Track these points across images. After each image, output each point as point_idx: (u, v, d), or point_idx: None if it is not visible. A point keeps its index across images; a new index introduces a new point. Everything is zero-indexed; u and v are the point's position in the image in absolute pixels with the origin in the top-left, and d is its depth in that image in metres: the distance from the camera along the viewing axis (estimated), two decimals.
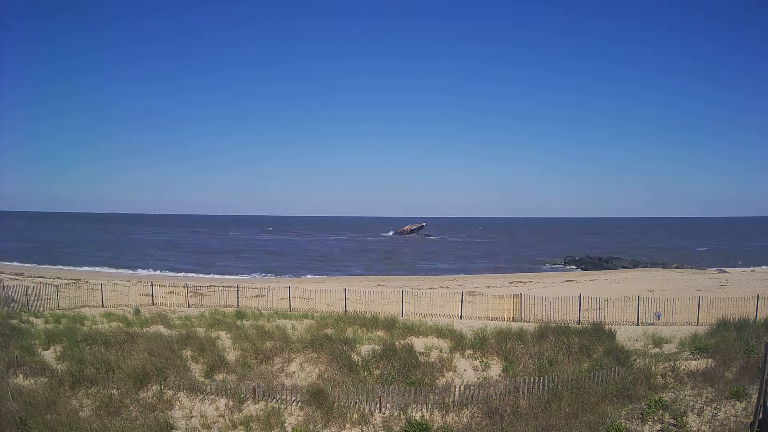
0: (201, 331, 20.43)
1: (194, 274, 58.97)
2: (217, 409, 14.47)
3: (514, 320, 24.91)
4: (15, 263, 63.73)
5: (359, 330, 20.15)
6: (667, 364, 15.04)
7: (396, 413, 13.97)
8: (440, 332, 19.12)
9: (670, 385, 13.92)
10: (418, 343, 18.19)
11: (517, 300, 26.38)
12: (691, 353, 16.53)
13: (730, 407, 12.48)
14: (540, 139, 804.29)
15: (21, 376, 16.55)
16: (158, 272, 60.27)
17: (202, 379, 16.10)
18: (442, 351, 17.55)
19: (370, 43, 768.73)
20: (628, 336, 19.91)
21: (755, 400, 11.42)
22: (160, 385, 15.33)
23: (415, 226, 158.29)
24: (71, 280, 40.42)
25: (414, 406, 14.15)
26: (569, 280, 48.21)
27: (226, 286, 33.10)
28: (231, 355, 17.71)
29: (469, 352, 17.42)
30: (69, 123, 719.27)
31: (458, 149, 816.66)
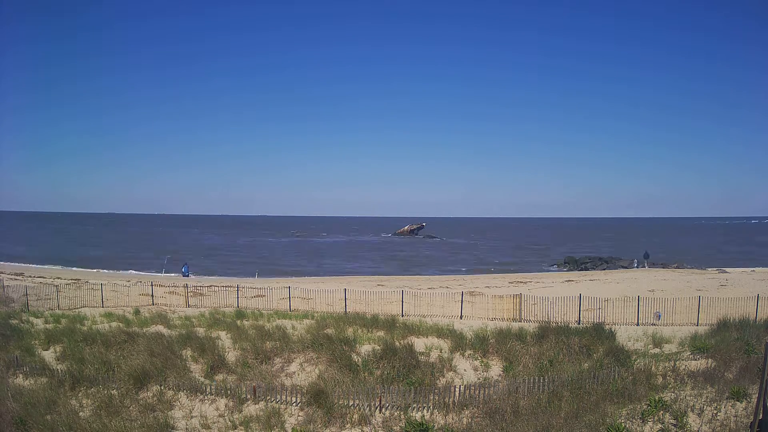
0: (201, 331, 20.42)
1: (194, 275, 58.92)
2: (217, 409, 14.47)
3: (514, 320, 24.88)
4: (15, 263, 63.67)
5: (359, 330, 20.13)
6: (667, 364, 15.04)
7: (396, 413, 13.98)
8: (440, 332, 19.11)
9: (670, 385, 13.92)
10: (419, 343, 18.19)
11: (517, 300, 26.36)
12: (692, 353, 16.53)
13: (730, 407, 12.49)
14: (540, 139, 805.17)
15: (21, 376, 16.55)
16: (158, 273, 60.17)
17: (202, 379, 16.09)
18: (443, 351, 17.56)
19: (370, 45, 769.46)
20: (628, 336, 19.92)
21: (755, 400, 11.43)
22: (160, 385, 15.33)
23: (415, 226, 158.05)
24: (71, 280, 40.35)
25: (414, 406, 14.15)
26: (569, 280, 48.14)
27: (225, 286, 33.09)
28: (231, 355, 17.71)
29: (469, 352, 17.43)
30: (70, 123, 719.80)
31: (458, 149, 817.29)
